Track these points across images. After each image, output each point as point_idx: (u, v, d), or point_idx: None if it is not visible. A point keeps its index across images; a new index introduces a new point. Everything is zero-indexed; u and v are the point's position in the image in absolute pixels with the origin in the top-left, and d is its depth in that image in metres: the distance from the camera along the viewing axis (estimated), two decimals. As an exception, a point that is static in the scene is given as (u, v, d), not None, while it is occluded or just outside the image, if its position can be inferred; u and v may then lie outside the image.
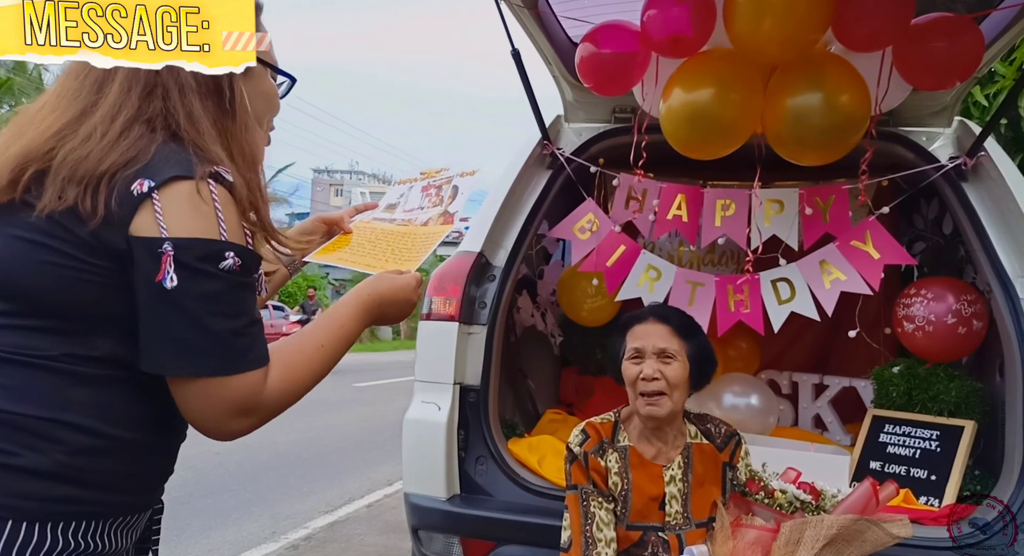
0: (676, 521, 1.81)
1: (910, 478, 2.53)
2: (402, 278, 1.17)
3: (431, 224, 1.38)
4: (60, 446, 0.90)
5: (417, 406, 2.49)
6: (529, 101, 2.68)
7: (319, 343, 1.05)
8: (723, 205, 2.72)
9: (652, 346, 1.82)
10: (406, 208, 1.47)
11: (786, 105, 2.28)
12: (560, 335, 3.46)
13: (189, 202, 0.92)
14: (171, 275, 0.89)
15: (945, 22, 2.21)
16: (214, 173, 0.95)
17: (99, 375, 0.94)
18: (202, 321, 0.91)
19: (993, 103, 4.08)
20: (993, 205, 2.42)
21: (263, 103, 1.10)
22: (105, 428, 0.93)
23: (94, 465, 0.92)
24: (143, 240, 0.90)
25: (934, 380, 2.66)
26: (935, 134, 2.65)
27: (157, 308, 0.91)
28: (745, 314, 2.64)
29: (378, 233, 1.40)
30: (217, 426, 0.96)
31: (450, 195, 1.43)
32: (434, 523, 2.42)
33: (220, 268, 0.92)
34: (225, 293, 0.93)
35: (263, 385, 0.96)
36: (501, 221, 2.66)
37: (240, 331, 0.94)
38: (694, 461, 1.86)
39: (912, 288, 2.82)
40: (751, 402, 2.95)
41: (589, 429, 1.88)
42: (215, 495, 5.01)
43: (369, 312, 1.13)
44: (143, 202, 0.91)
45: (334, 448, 6.87)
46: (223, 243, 0.93)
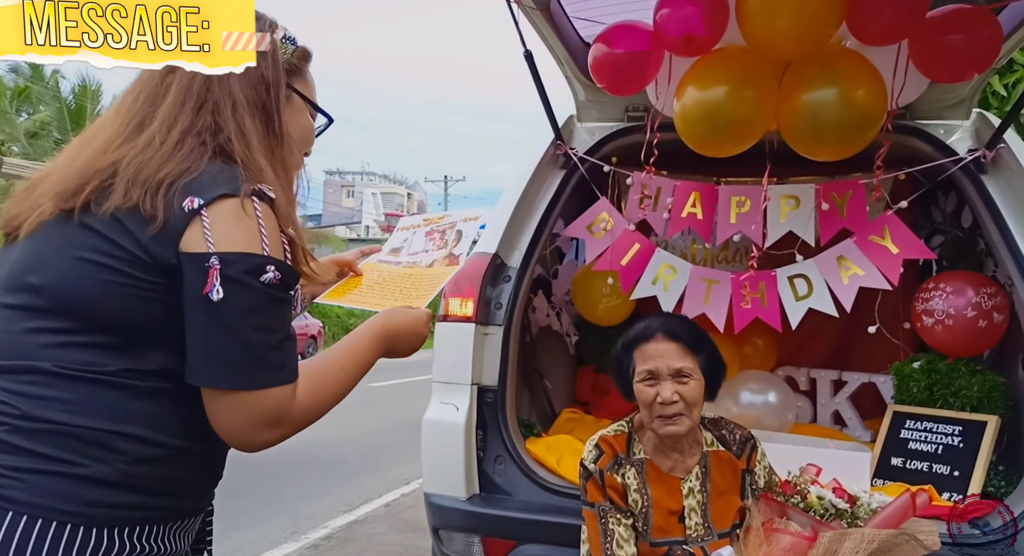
0: (698, 533, 1.77)
1: (932, 474, 2.51)
2: (414, 312, 1.22)
3: (436, 266, 1.41)
4: (121, 456, 0.95)
5: (435, 407, 2.51)
6: (542, 101, 2.68)
7: (340, 366, 1.09)
8: (738, 202, 2.71)
9: (667, 367, 1.74)
10: (410, 251, 1.50)
11: (801, 101, 2.26)
12: (575, 334, 3.46)
13: (235, 218, 0.95)
14: (217, 288, 0.92)
15: (962, 14, 2.18)
16: (257, 191, 0.99)
17: (153, 388, 0.98)
18: (242, 334, 0.94)
19: (1012, 93, 4.02)
20: (1014, 197, 2.40)
21: (298, 134, 1.15)
22: (161, 438, 0.97)
23: (153, 472, 0.97)
24: (191, 255, 0.94)
25: (955, 375, 2.63)
26: (953, 127, 2.62)
27: (202, 320, 0.94)
28: (762, 311, 2.62)
29: (385, 275, 1.44)
30: (246, 437, 0.99)
31: (454, 239, 1.46)
32: (454, 523, 2.43)
33: (262, 281, 0.95)
34: (265, 307, 0.96)
35: (293, 398, 0.99)
36: (516, 222, 2.67)
37: (276, 345, 0.97)
38: (712, 470, 1.82)
39: (931, 282, 2.79)
40: (769, 399, 2.93)
41: (603, 444, 1.83)
42: (235, 496, 5.04)
43: (383, 343, 1.17)
44: (193, 219, 0.95)
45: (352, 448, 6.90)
46: (265, 257, 0.96)
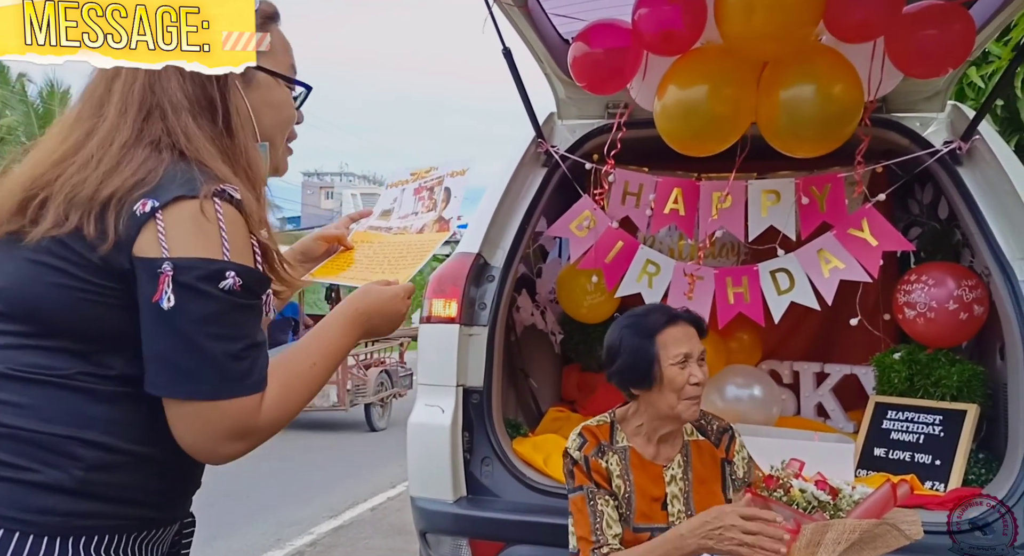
0: (680, 520, 1.79)
1: (915, 463, 2.54)
2: (390, 289, 1.16)
3: (426, 231, 1.37)
4: (78, 462, 0.91)
5: (420, 409, 2.49)
6: (522, 99, 2.67)
7: (311, 361, 1.03)
8: (719, 197, 2.72)
9: (697, 350, 1.82)
10: (400, 214, 1.45)
11: (779, 98, 2.28)
12: (560, 333, 3.45)
13: (192, 221, 0.91)
14: (168, 296, 0.88)
15: (935, 9, 2.21)
16: (219, 191, 0.94)
17: (114, 392, 0.94)
18: (198, 343, 0.90)
19: (989, 84, 4.08)
20: (989, 188, 2.43)
21: (272, 115, 1.08)
22: (122, 444, 0.93)
23: (112, 480, 0.93)
24: (144, 260, 0.90)
25: (935, 365, 2.66)
26: (929, 119, 2.65)
27: (154, 329, 0.90)
28: (745, 305, 2.64)
29: (375, 246, 1.39)
30: (208, 450, 0.94)
31: (443, 198, 1.41)
32: (442, 526, 2.41)
33: (220, 288, 0.91)
34: (224, 315, 0.91)
35: (259, 409, 0.95)
36: (498, 221, 2.65)
37: (238, 354, 0.93)
38: (693, 459, 1.86)
39: (912, 274, 2.82)
40: (754, 393, 2.95)
41: (586, 433, 1.86)
42: (218, 504, 4.98)
43: (358, 326, 1.11)
44: (146, 223, 0.90)
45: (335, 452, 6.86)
46: (224, 263, 0.92)
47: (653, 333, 1.83)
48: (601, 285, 2.92)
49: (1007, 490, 2.12)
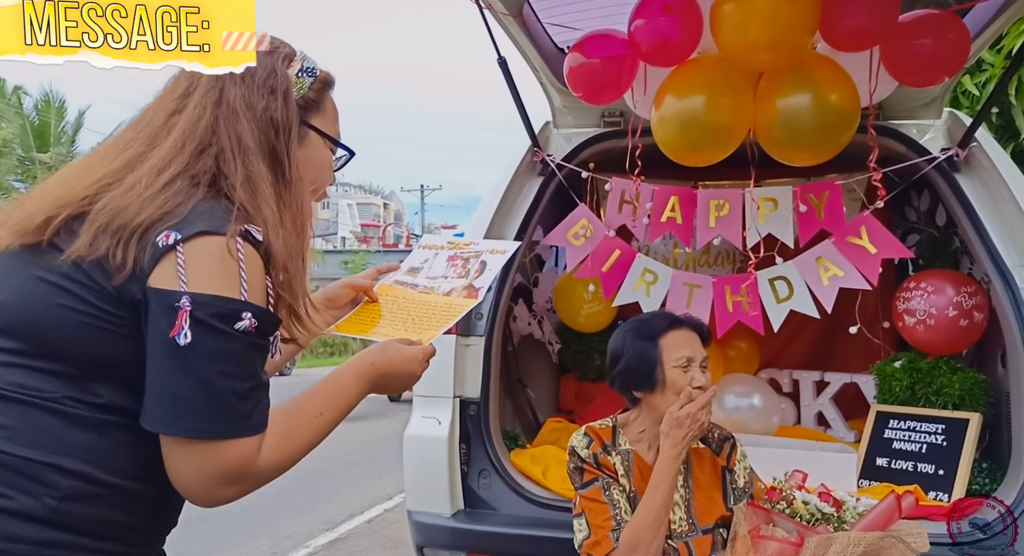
0: (682, 528, 1.78)
1: (917, 473, 2.51)
2: (409, 350, 1.15)
3: (454, 295, 1.36)
4: (53, 490, 0.88)
5: (417, 421, 2.46)
6: (517, 108, 2.66)
7: (319, 411, 1.02)
8: (717, 205, 2.70)
9: (700, 355, 1.83)
10: (430, 274, 1.45)
11: (776, 107, 2.28)
12: (558, 342, 3.43)
13: (214, 258, 0.90)
14: (185, 331, 0.87)
15: (930, 19, 2.21)
16: (244, 232, 0.93)
17: (99, 420, 0.92)
18: (208, 381, 0.89)
19: (983, 92, 4.09)
20: (988, 195, 2.42)
21: (313, 173, 1.10)
22: (100, 475, 0.91)
23: (87, 512, 0.90)
24: (161, 292, 0.89)
25: (937, 373, 2.64)
26: (925, 126, 2.64)
27: (165, 363, 0.88)
28: (744, 314, 2.62)
29: (399, 301, 1.38)
30: (202, 491, 0.92)
31: (477, 269, 1.41)
32: (439, 540, 2.38)
33: (236, 328, 0.90)
34: (236, 354, 0.91)
35: (258, 452, 0.93)
36: (494, 230, 2.64)
37: (245, 394, 0.92)
38: (693, 466, 1.85)
39: (911, 281, 2.81)
40: (753, 403, 2.93)
41: (591, 433, 1.87)
42: (213, 517, 4.93)
43: (370, 383, 1.11)
44: (166, 254, 0.89)
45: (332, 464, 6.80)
46: (242, 303, 0.91)
47: (656, 336, 1.85)
48: (598, 294, 2.89)
49: (1012, 499, 2.09)
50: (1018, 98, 3.98)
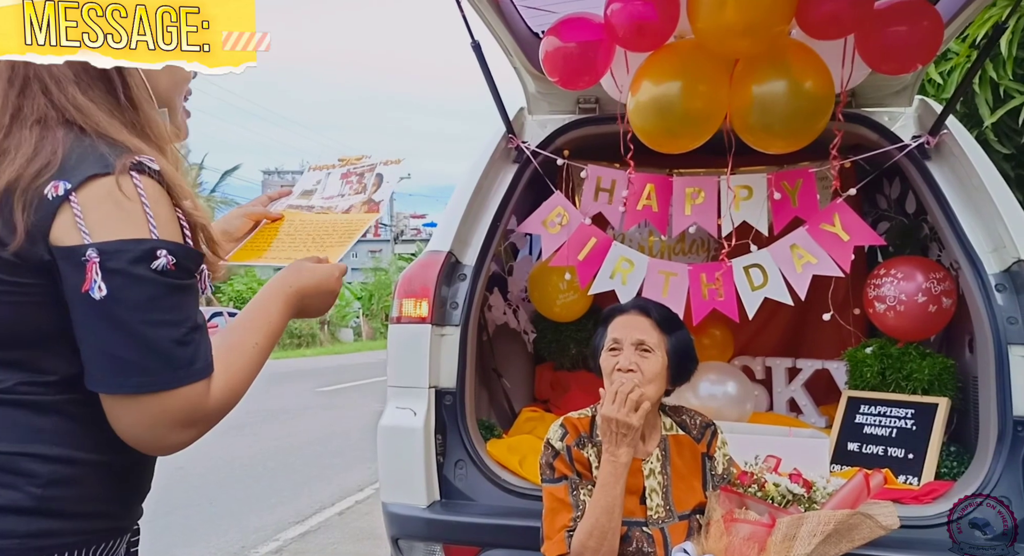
0: (659, 515, 1.79)
1: (888, 457, 2.55)
2: (323, 267, 1.10)
3: (353, 212, 1.31)
4: (34, 479, 0.85)
5: (392, 412, 2.42)
6: (492, 94, 2.62)
7: (254, 342, 0.98)
8: (692, 193, 2.70)
9: (631, 337, 1.81)
10: (324, 195, 1.39)
11: (751, 94, 2.27)
12: (533, 331, 3.41)
13: (110, 200, 0.84)
14: (98, 284, 0.82)
15: (904, 6, 2.21)
16: (136, 164, 0.87)
17: (61, 400, 0.87)
18: (139, 332, 0.83)
19: (948, 80, 4.15)
20: (957, 182, 2.45)
21: (167, 77, 1.01)
22: (78, 454, 0.88)
23: (72, 493, 0.87)
24: (65, 249, 0.83)
25: (907, 359, 2.68)
26: (897, 114, 2.66)
27: (89, 322, 0.83)
28: (719, 302, 2.63)
29: (296, 224, 1.32)
30: (155, 440, 0.88)
31: (373, 183, 1.35)
32: (415, 532, 2.35)
33: (153, 269, 0.84)
34: (161, 298, 0.85)
35: (207, 394, 0.89)
36: (469, 218, 2.60)
37: (182, 339, 0.87)
38: (672, 453, 1.85)
39: (881, 268, 2.84)
40: (728, 390, 2.94)
41: (568, 424, 1.86)
42: (179, 511, 4.84)
43: (293, 306, 1.06)
44: (60, 206, 0.83)
45: (300, 456, 6.72)
46: (154, 242, 0.85)
47: (607, 320, 1.90)
48: (574, 283, 2.88)
49: (979, 483, 2.13)
50: (982, 87, 4.04)
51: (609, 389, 1.73)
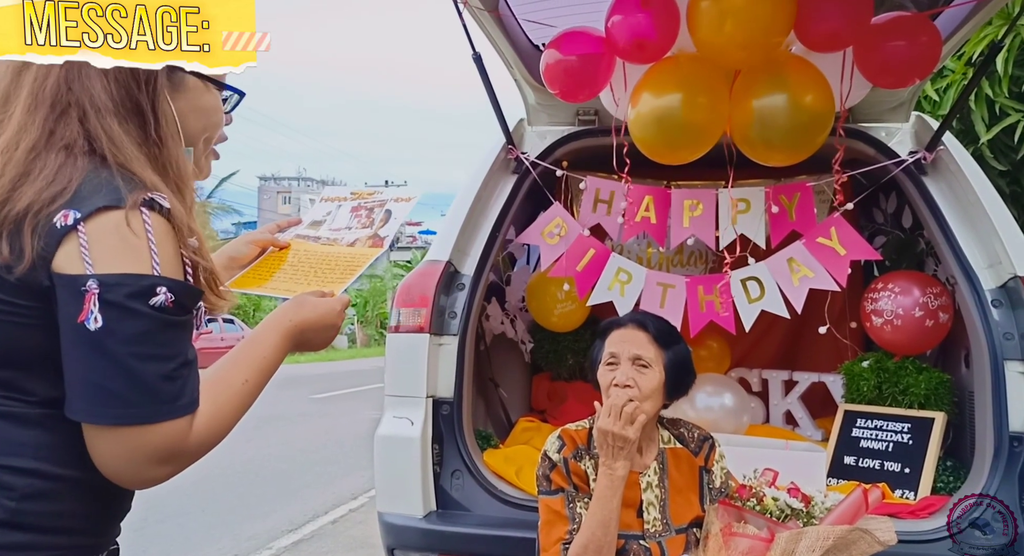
0: (656, 528, 1.78)
1: (884, 471, 2.55)
2: (326, 302, 1.10)
3: (358, 246, 1.32)
4: (10, 492, 0.84)
5: (389, 422, 2.41)
6: (492, 105, 2.63)
7: (244, 378, 0.98)
8: (690, 205, 2.71)
9: (628, 352, 1.80)
10: (332, 227, 1.40)
11: (751, 107, 2.29)
12: (531, 341, 3.41)
13: (117, 234, 0.85)
14: (95, 315, 0.82)
15: (903, 21, 2.24)
16: (148, 200, 0.87)
17: (41, 415, 0.87)
18: (127, 365, 0.84)
19: (943, 97, 4.19)
20: (954, 198, 2.47)
21: (199, 120, 1.02)
22: (55, 469, 0.87)
23: (46, 508, 0.87)
24: (66, 277, 0.83)
25: (903, 373, 2.69)
26: (894, 130, 2.68)
27: (79, 351, 0.83)
28: (716, 314, 2.63)
29: (301, 255, 1.33)
30: (131, 475, 0.88)
31: (382, 219, 1.37)
32: (411, 542, 2.34)
33: (151, 305, 0.85)
34: (155, 333, 0.85)
35: (189, 431, 0.89)
36: (468, 228, 2.61)
37: (170, 374, 0.87)
38: (669, 466, 1.84)
39: (879, 282, 2.85)
40: (724, 402, 2.95)
41: (565, 436, 1.85)
42: (171, 519, 4.81)
43: (291, 340, 1.06)
44: (67, 235, 0.84)
45: (294, 464, 6.69)
46: (155, 278, 0.85)
47: (604, 334, 1.88)
48: (572, 294, 2.88)
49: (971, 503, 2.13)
50: (978, 104, 4.08)
51: (606, 403, 1.72)
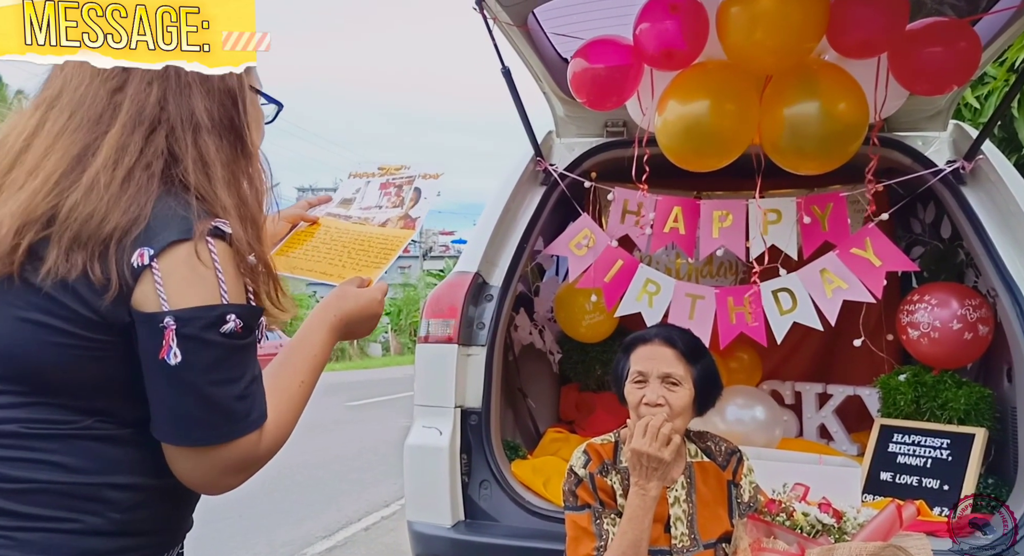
0: (683, 544, 1.75)
1: (922, 488, 2.49)
2: (367, 292, 1.13)
3: (390, 226, 1.31)
4: (114, 505, 0.91)
5: (418, 431, 2.43)
6: (521, 118, 2.65)
7: (300, 379, 1.01)
8: (720, 216, 2.69)
9: (657, 370, 1.77)
10: (363, 205, 1.40)
11: (783, 115, 2.26)
12: (559, 352, 3.41)
13: (187, 266, 0.88)
14: (174, 351, 0.86)
15: (940, 27, 2.19)
16: (212, 229, 0.90)
17: (131, 434, 0.93)
18: (205, 393, 0.88)
19: (985, 105, 4.09)
20: (994, 208, 2.40)
21: (259, 130, 1.06)
22: (148, 481, 0.93)
23: (146, 515, 0.94)
24: (145, 315, 0.87)
25: (942, 387, 2.62)
26: (931, 138, 2.63)
27: (162, 383, 0.88)
28: (747, 326, 2.60)
29: (333, 233, 1.33)
30: (208, 484, 0.94)
31: (411, 197, 1.36)
32: (439, 551, 2.36)
33: (222, 333, 0.88)
34: (227, 358, 0.89)
35: (260, 441, 0.94)
36: (496, 239, 2.62)
37: (242, 394, 0.91)
38: (697, 481, 1.81)
39: (915, 294, 2.79)
40: (755, 415, 2.90)
41: (591, 451, 1.84)
42: (209, 524, 4.90)
43: (337, 334, 1.09)
44: (143, 274, 0.87)
45: (329, 471, 6.76)
46: (224, 307, 0.89)
47: (629, 349, 1.85)
48: (600, 304, 2.88)
49: (1020, 515, 2.07)
50: (1020, 111, 3.97)
51: (639, 423, 1.69)
